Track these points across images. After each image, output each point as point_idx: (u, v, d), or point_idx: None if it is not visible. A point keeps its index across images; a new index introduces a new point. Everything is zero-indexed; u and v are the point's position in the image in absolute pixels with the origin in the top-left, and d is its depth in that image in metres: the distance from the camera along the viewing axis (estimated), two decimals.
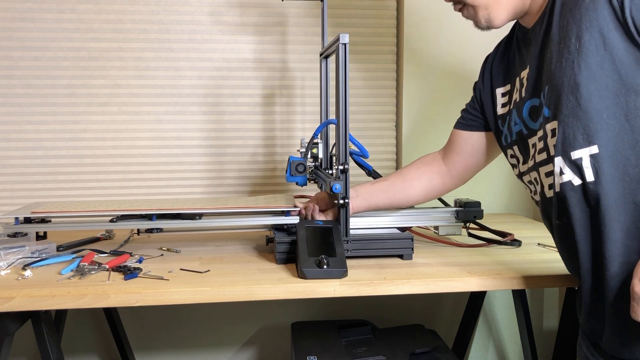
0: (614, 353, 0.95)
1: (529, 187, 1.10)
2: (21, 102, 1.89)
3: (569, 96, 0.91)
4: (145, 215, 1.40)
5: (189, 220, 1.40)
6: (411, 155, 2.02)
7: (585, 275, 0.97)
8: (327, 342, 1.57)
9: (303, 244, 1.24)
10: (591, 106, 0.89)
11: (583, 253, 0.96)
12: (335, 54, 1.31)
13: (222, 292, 1.13)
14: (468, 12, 1.10)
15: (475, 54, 2.00)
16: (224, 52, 1.96)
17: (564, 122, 0.92)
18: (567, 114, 0.91)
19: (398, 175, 1.39)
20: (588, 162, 0.90)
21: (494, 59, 1.22)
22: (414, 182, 1.37)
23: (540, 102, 1.00)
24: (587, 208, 0.93)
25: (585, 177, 0.91)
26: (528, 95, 1.04)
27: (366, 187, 1.40)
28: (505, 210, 2.08)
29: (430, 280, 1.19)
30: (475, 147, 1.29)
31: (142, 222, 1.40)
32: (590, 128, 0.89)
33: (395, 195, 1.37)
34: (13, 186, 1.91)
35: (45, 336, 1.24)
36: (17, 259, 1.30)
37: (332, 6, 1.98)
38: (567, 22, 0.92)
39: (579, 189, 0.92)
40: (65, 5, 1.88)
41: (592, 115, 0.89)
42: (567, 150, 0.92)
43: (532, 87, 1.03)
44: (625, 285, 0.89)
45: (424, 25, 1.97)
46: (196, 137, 1.98)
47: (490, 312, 2.12)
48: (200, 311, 2.01)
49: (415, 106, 2.01)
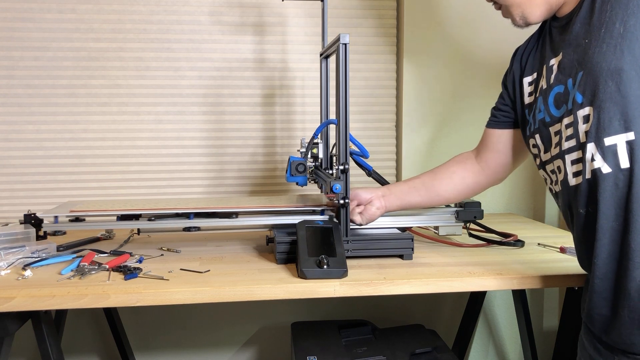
0: (626, 347, 0.94)
1: (550, 176, 1.10)
2: (21, 102, 1.89)
3: (607, 81, 0.91)
4: (182, 214, 1.41)
5: (225, 219, 1.41)
6: (411, 155, 2.02)
7: (600, 265, 0.95)
8: (327, 342, 1.57)
9: (303, 244, 1.24)
10: (631, 92, 0.89)
11: (601, 242, 0.94)
12: (336, 54, 1.31)
13: (222, 292, 1.13)
14: (504, 11, 1.12)
15: (475, 54, 2.00)
16: (224, 52, 1.96)
17: (600, 108, 0.92)
18: (604, 100, 0.91)
19: (431, 174, 1.40)
20: (624, 149, 0.90)
21: (524, 50, 1.21)
22: (447, 180, 1.37)
23: (566, 89, 1.00)
24: (617, 196, 0.92)
25: (619, 163, 0.91)
26: (556, 82, 1.04)
27: (399, 186, 1.41)
28: (505, 210, 2.08)
29: (430, 280, 1.19)
30: (507, 145, 1.29)
31: (180, 220, 1.41)
32: (628, 114, 0.89)
33: (428, 194, 1.38)
34: (13, 186, 1.91)
35: (45, 336, 1.24)
36: (17, 259, 1.30)
37: (332, 6, 1.98)
38: (611, 6, 0.92)
39: (609, 176, 0.92)
40: (65, 5, 1.88)
41: (632, 102, 0.89)
42: (601, 136, 0.92)
43: (561, 74, 1.03)
44: None
45: (424, 26, 1.97)
46: (196, 137, 1.98)
47: (490, 312, 2.12)
48: (200, 311, 2.01)
49: (415, 106, 2.01)
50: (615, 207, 0.92)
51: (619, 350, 0.96)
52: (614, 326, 0.95)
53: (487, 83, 2.01)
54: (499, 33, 1.98)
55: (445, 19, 1.97)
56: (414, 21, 1.97)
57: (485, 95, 2.02)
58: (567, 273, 1.22)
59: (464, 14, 1.97)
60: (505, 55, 1.29)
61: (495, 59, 2.00)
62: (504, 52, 2.05)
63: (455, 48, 1.99)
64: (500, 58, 2.01)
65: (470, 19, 1.98)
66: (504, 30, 1.17)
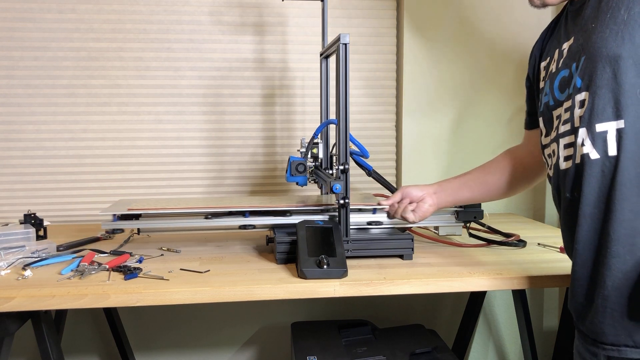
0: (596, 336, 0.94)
1: (547, 160, 1.10)
2: (21, 102, 1.89)
3: (605, 67, 0.91)
4: (238, 212, 1.41)
5: (280, 217, 1.42)
6: (411, 156, 2.02)
7: (580, 251, 0.96)
8: (327, 342, 1.56)
9: (303, 244, 1.24)
10: (627, 80, 0.89)
11: (582, 229, 0.95)
12: (336, 54, 1.31)
13: (222, 292, 1.13)
14: None
15: (474, 54, 2.00)
16: (224, 52, 1.96)
17: (595, 93, 0.92)
18: (600, 85, 0.91)
19: (482, 169, 1.39)
20: (613, 136, 0.90)
21: (544, 36, 1.20)
22: (498, 175, 1.35)
23: (570, 73, 1.00)
24: (601, 183, 0.92)
25: (607, 150, 0.91)
26: (563, 65, 1.04)
27: (450, 182, 1.40)
28: (505, 210, 2.08)
29: (430, 280, 1.19)
30: None
31: (235, 218, 1.41)
32: (621, 102, 0.89)
33: (480, 189, 1.37)
34: (13, 186, 1.91)
35: (45, 336, 1.24)
36: (17, 259, 1.30)
37: (332, 6, 1.98)
38: None
39: (596, 162, 0.92)
40: (65, 5, 1.88)
41: (626, 89, 0.89)
42: (593, 121, 0.92)
43: (568, 58, 1.02)
44: (625, 264, 0.89)
45: (424, 26, 1.97)
46: (196, 137, 1.98)
47: (490, 312, 2.12)
48: (200, 311, 2.01)
49: (415, 106, 2.01)
50: (599, 194, 0.92)
51: (590, 339, 0.96)
52: (588, 314, 0.96)
53: (487, 85, 2.01)
54: (499, 37, 1.98)
55: (446, 20, 1.97)
56: (414, 21, 1.97)
57: (485, 96, 2.03)
58: (567, 273, 1.21)
59: (464, 16, 1.98)
60: (505, 55, 1.29)
61: (495, 61, 2.00)
62: (503, 51, 2.06)
63: (456, 49, 1.99)
64: (500, 57, 2.02)
65: (471, 21, 1.98)
66: (504, 34, 1.16)
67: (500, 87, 2.02)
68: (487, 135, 2.04)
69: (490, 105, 2.04)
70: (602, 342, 0.93)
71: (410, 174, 2.03)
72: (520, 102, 2.04)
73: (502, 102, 2.04)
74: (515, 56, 2.01)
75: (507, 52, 2.01)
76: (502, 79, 2.02)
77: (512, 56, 2.01)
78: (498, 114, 2.04)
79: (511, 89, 2.03)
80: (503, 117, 2.04)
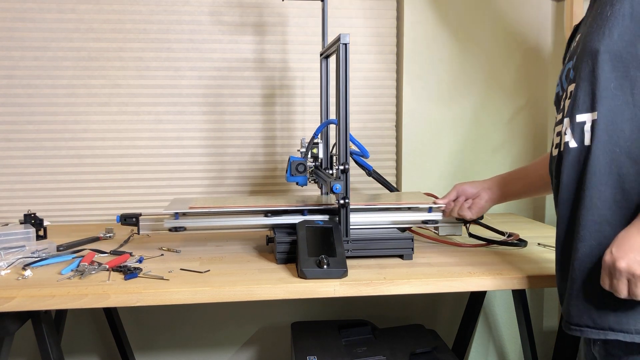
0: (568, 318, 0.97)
1: None
2: (21, 102, 1.89)
3: (588, 61, 0.95)
4: (297, 210, 1.41)
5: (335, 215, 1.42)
6: (411, 156, 2.02)
7: (560, 235, 1.01)
8: (327, 342, 1.57)
9: (303, 244, 1.24)
10: (602, 74, 0.92)
11: (561, 214, 1.00)
12: (336, 54, 1.31)
13: (222, 292, 1.13)
14: None
15: (474, 54, 2.00)
16: (224, 52, 1.96)
17: (578, 85, 0.97)
18: (583, 78, 0.96)
19: (534, 164, 1.39)
20: (589, 127, 0.94)
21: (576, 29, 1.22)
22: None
23: (572, 65, 1.04)
24: (576, 170, 0.96)
25: (584, 140, 0.95)
26: (570, 57, 1.07)
27: (504, 177, 1.42)
28: (505, 210, 2.08)
29: (430, 280, 1.19)
30: None
31: (295, 216, 1.41)
32: (596, 95, 0.93)
33: (534, 184, 1.37)
34: (13, 186, 1.91)
35: (45, 336, 1.24)
36: (17, 259, 1.30)
37: (332, 6, 1.98)
38: None
39: (574, 151, 0.97)
40: (65, 5, 1.88)
41: (601, 83, 0.92)
42: (574, 112, 0.97)
43: (574, 49, 1.06)
44: (590, 249, 0.93)
45: (424, 26, 1.97)
46: (196, 137, 1.98)
47: (490, 312, 2.12)
48: (200, 311, 2.01)
49: (415, 106, 2.01)
50: (574, 180, 0.97)
51: (566, 321, 0.99)
52: (564, 296, 1.00)
53: (487, 85, 2.02)
54: (499, 37, 1.98)
55: (446, 20, 1.97)
56: (414, 21, 1.97)
57: (485, 96, 2.03)
58: None
59: (464, 15, 1.98)
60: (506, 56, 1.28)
61: (495, 61, 2.00)
62: (504, 52, 2.06)
63: (456, 48, 1.99)
64: (501, 58, 2.02)
65: (471, 19, 1.98)
66: (504, 35, 1.16)
67: (501, 88, 2.03)
68: (487, 135, 2.04)
69: (490, 105, 2.04)
70: (569, 322, 0.97)
71: (410, 174, 2.03)
72: (520, 102, 2.04)
73: (503, 102, 2.04)
74: (516, 56, 2.01)
75: (507, 53, 2.01)
76: (503, 79, 2.02)
77: (513, 56, 2.01)
78: (498, 114, 2.04)
79: (512, 90, 2.03)
80: (503, 117, 2.05)
